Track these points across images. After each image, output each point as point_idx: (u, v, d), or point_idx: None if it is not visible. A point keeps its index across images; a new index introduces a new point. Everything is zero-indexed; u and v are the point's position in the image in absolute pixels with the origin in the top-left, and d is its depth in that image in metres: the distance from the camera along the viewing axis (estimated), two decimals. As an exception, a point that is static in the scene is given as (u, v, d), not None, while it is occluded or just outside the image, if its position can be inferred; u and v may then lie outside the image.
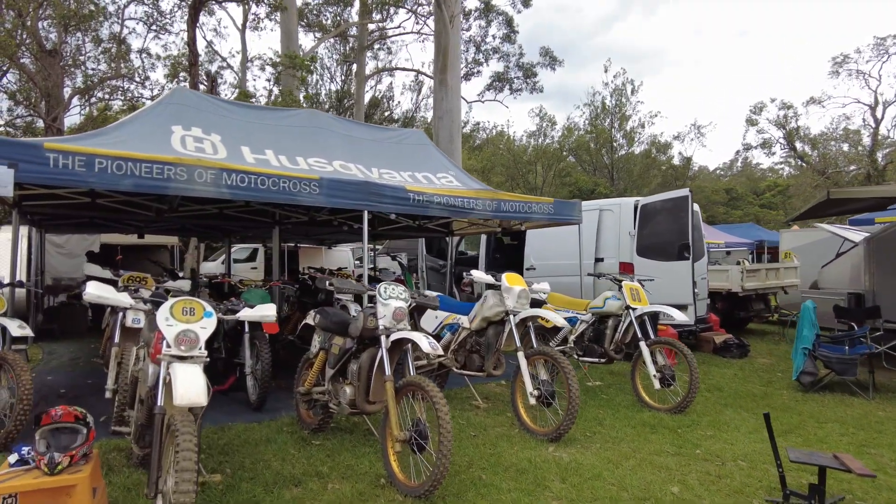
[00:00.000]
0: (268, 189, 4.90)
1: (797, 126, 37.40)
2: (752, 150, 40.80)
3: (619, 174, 36.02)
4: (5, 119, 21.57)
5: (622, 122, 36.47)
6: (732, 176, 49.18)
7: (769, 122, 37.58)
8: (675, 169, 38.14)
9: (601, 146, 36.50)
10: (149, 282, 4.90)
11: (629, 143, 37.28)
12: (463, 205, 6.05)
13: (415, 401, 3.65)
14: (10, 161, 3.92)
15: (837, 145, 35.70)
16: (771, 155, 38.71)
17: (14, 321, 4.26)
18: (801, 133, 37.16)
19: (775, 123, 37.94)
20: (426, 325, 5.61)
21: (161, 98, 5.81)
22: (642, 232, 8.10)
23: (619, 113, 36.19)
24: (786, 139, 38.00)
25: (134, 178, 4.31)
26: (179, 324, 2.89)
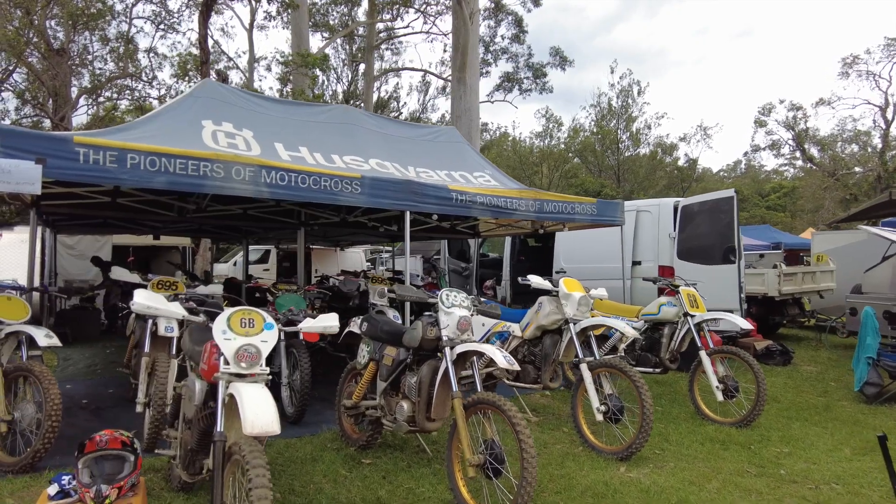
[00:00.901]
0: (308, 188, 4.58)
1: (806, 128, 37.01)
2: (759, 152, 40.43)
3: (625, 175, 35.71)
4: (12, 118, 21.27)
5: (628, 123, 36.17)
6: (736, 178, 48.87)
7: (778, 123, 37.21)
8: (680, 171, 37.81)
9: (607, 147, 36.19)
10: (179, 286, 4.57)
11: (635, 145, 36.96)
12: (506, 205, 5.73)
13: (485, 420, 3.31)
14: (37, 156, 3.60)
15: (845, 147, 35.32)
16: (780, 157, 38.24)
17: (40, 329, 3.93)
18: (811, 134, 36.78)
19: (784, 125, 37.57)
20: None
21: (190, 91, 5.49)
22: (683, 234, 7.76)
23: (626, 114, 35.88)
24: (795, 140, 37.65)
25: (168, 174, 3.99)
26: (239, 337, 2.56)
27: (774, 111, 37.51)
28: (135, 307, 2.53)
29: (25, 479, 3.54)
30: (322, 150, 5.60)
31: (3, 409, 3.69)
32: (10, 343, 4.04)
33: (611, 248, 8.58)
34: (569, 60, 30.30)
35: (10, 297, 4.10)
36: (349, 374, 4.44)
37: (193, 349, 3.13)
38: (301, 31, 20.26)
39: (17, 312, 4.06)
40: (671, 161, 38.20)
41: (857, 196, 34.53)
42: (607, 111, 36.27)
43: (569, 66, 30.17)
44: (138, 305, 2.53)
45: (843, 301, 9.36)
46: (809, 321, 10.45)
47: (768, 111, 37.87)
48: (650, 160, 36.43)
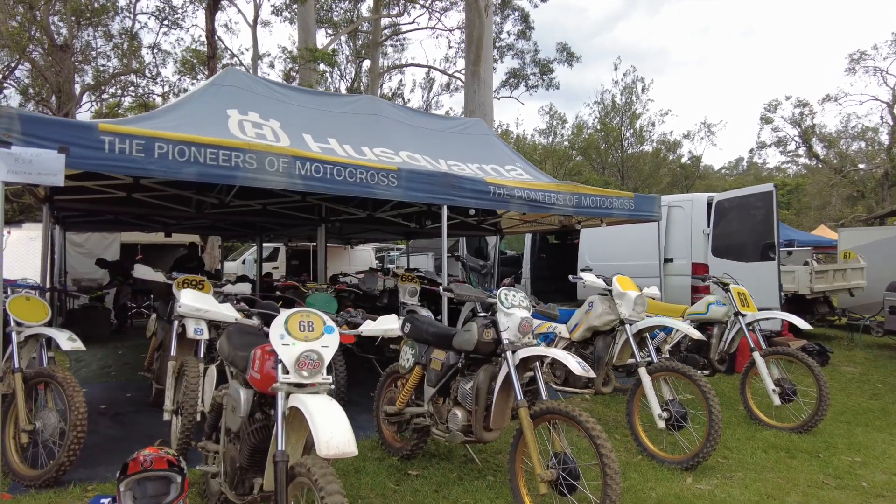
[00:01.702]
0: (344, 181, 4.30)
1: (813, 124, 36.72)
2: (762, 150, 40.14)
3: (629, 173, 35.45)
4: (15, 115, 20.95)
5: (632, 120, 35.89)
6: (738, 175, 48.60)
7: (784, 119, 36.90)
8: (684, 168, 37.52)
9: (612, 144, 35.89)
10: (206, 286, 4.29)
11: (639, 142, 36.67)
12: (544, 199, 5.45)
13: (554, 431, 3.03)
14: (60, 145, 3.32)
15: (850, 143, 35.01)
16: (786, 154, 37.95)
17: (63, 332, 3.65)
18: (818, 131, 36.47)
19: (790, 121, 37.28)
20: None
21: (212, 80, 5.21)
22: (718, 230, 7.48)
23: (630, 111, 35.59)
24: (801, 137, 37.35)
25: (198, 165, 3.71)
26: (298, 342, 2.28)
27: (781, 107, 37.17)
28: (182, 309, 2.25)
29: (49, 495, 3.27)
30: (351, 141, 5.32)
31: (23, 419, 3.42)
32: (30, 346, 3.76)
33: (639, 244, 8.31)
34: (576, 56, 29.99)
35: (30, 298, 3.82)
36: (389, 379, 4.16)
37: (236, 354, 2.85)
38: (308, 26, 19.95)
39: (37, 313, 3.78)
40: (675, 158, 37.92)
41: (864, 193, 34.26)
42: (611, 108, 35.97)
43: (575, 62, 29.91)
44: (186, 308, 2.25)
45: (874, 299, 9.08)
46: (840, 320, 10.17)
47: (774, 108, 37.55)
48: (654, 157, 36.13)
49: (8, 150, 3.19)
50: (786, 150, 38.69)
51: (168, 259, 14.49)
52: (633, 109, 35.57)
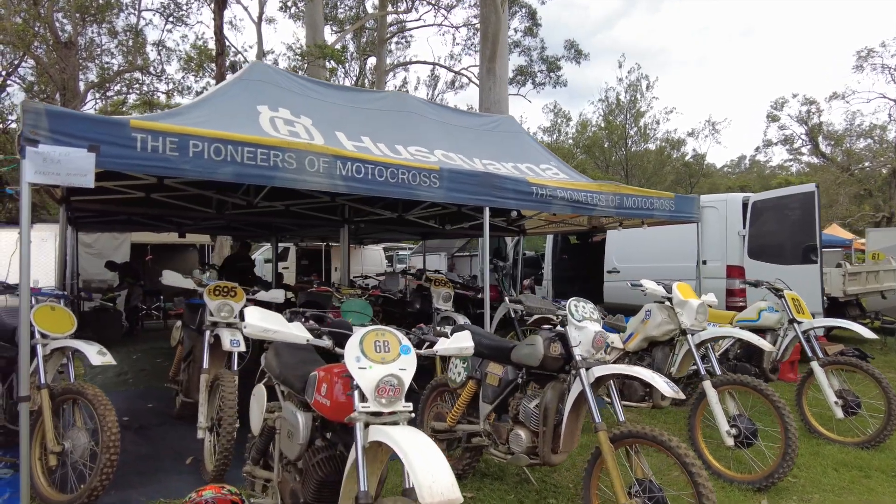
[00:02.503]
0: (385, 181, 4.04)
1: (820, 122, 36.41)
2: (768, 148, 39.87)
3: (633, 171, 35.19)
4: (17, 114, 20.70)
5: (637, 118, 35.60)
6: (741, 174, 48.33)
7: (791, 117, 36.60)
8: (688, 166, 37.23)
9: (616, 142, 35.61)
10: (238, 293, 4.03)
11: (644, 140, 36.41)
12: (586, 200, 5.19)
13: (635, 455, 2.78)
14: (90, 143, 3.06)
15: (854, 141, 34.70)
16: (793, 152, 37.64)
17: (91, 345, 3.39)
18: (825, 129, 36.17)
19: (797, 119, 36.98)
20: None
21: (239, 74, 4.94)
22: (755, 232, 7.22)
23: (634, 109, 35.30)
24: (808, 135, 37.05)
25: (234, 165, 3.45)
26: (376, 365, 2.02)
27: (787, 105, 36.85)
28: (248, 330, 2.00)
29: (81, 523, 3.02)
30: (385, 140, 5.05)
31: (51, 439, 3.17)
32: (56, 359, 3.51)
33: (670, 246, 8.05)
34: (584, 54, 29.74)
35: (55, 307, 3.57)
36: (434, 392, 3.91)
37: (289, 373, 2.60)
38: (315, 22, 19.65)
39: (63, 324, 3.53)
40: (679, 157, 37.64)
41: (871, 192, 33.97)
42: (615, 106, 35.68)
43: (584, 59, 29.66)
44: (252, 328, 1.99)
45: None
46: (874, 323, 9.91)
47: (781, 105, 37.28)
48: (658, 155, 35.85)
49: (35, 148, 2.93)
50: (792, 149, 38.41)
51: (178, 259, 14.26)
52: (638, 107, 35.30)
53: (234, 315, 3.98)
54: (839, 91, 43.07)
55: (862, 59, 32.62)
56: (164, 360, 7.81)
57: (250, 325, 2.00)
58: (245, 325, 2.00)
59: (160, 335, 10.56)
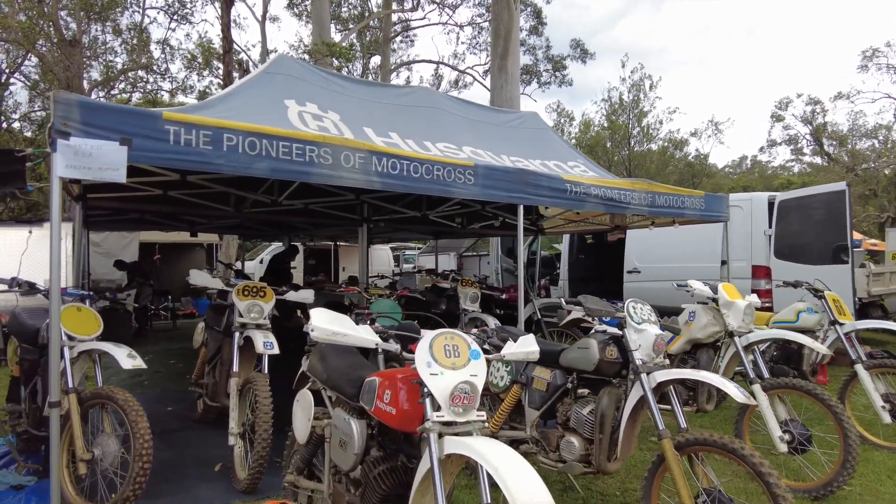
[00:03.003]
0: (420, 178, 3.90)
1: (825, 122, 36.29)
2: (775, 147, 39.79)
3: (636, 171, 35.09)
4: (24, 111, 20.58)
5: (640, 117, 35.49)
6: (742, 174, 48.21)
7: (795, 117, 36.48)
8: (691, 166, 37.12)
9: (619, 142, 35.52)
10: (268, 294, 3.89)
11: (648, 140, 36.32)
12: (620, 198, 5.05)
13: (700, 464, 2.64)
14: (122, 136, 2.92)
15: (856, 142, 34.61)
16: (797, 152, 37.50)
17: (120, 347, 3.25)
18: (829, 129, 36.05)
19: (802, 119, 36.86)
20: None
21: (265, 67, 4.80)
22: (781, 231, 7.08)
23: (637, 109, 35.19)
24: (812, 135, 36.94)
25: (270, 160, 3.31)
26: (447, 371, 1.88)
27: (792, 105, 36.73)
28: (315, 334, 1.85)
29: (113, 535, 2.88)
30: (413, 136, 4.91)
31: (80, 447, 3.03)
32: (83, 362, 3.37)
33: (692, 245, 7.92)
34: (590, 53, 29.66)
35: (81, 308, 3.43)
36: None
37: (339, 378, 2.45)
38: (322, 20, 19.49)
39: (89, 326, 3.39)
40: (681, 157, 37.55)
41: (876, 192, 33.84)
42: (618, 105, 35.57)
43: (589, 58, 29.58)
44: (319, 331, 1.85)
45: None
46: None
47: (786, 105, 37.15)
48: (661, 155, 35.74)
49: (67, 141, 2.79)
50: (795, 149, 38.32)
51: (186, 259, 14.12)
52: (641, 107, 35.19)
53: (263, 316, 3.84)
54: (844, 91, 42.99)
55: (867, 58, 32.49)
56: (178, 362, 7.67)
57: (318, 329, 1.85)
58: (312, 328, 1.86)
59: (170, 336, 10.42)
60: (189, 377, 6.84)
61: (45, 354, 3.51)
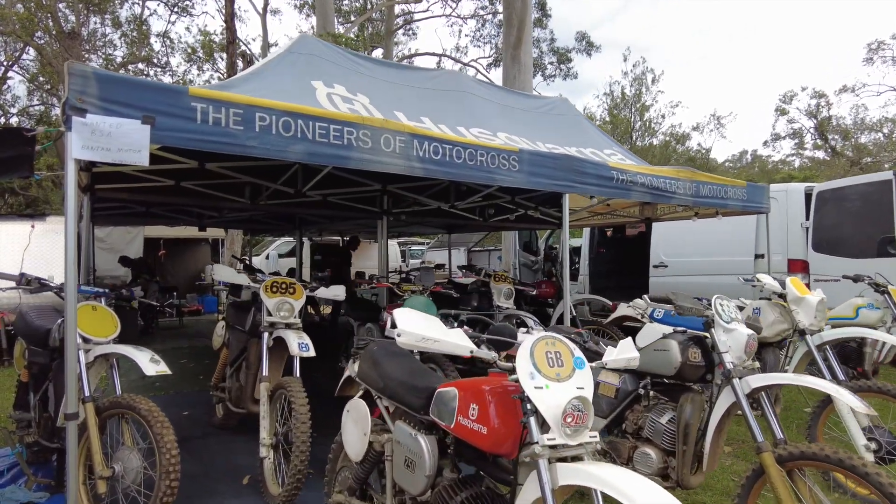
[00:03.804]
0: (464, 164, 3.59)
1: (829, 115, 36.02)
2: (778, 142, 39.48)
3: (638, 165, 34.75)
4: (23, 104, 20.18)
5: (642, 111, 35.16)
6: (742, 168, 47.93)
7: (800, 111, 36.21)
8: (692, 161, 36.87)
9: (620, 137, 35.23)
10: (297, 290, 3.57)
11: (650, 134, 35.98)
12: (665, 187, 4.74)
13: (801, 480, 2.33)
14: (144, 114, 2.59)
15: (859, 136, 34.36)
16: (802, 146, 37.20)
17: (142, 351, 2.93)
18: (834, 122, 35.76)
19: (806, 113, 36.59)
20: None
21: (288, 47, 4.46)
22: (820, 223, 6.77)
23: (639, 103, 34.86)
24: (816, 129, 36.67)
25: (306, 142, 2.99)
26: (552, 383, 1.57)
27: (797, 99, 36.42)
28: (403, 339, 1.54)
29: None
30: (446, 121, 4.58)
31: (99, 462, 2.71)
32: (99, 367, 3.05)
33: (722, 238, 7.61)
34: (595, 46, 29.35)
35: (96, 307, 3.11)
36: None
37: (401, 388, 2.14)
38: (326, 11, 19.12)
39: (106, 327, 3.07)
40: (684, 150, 37.27)
41: (880, 185, 33.51)
42: (620, 100, 35.21)
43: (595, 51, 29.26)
44: (408, 336, 1.53)
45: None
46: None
47: (790, 99, 36.87)
48: (663, 150, 35.43)
49: (83, 119, 2.47)
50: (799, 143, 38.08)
51: (190, 254, 13.77)
52: (643, 101, 34.88)
53: (294, 314, 3.52)
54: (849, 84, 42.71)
55: (872, 51, 32.18)
56: (189, 361, 7.36)
57: (406, 334, 1.54)
58: (398, 332, 1.54)
59: (178, 334, 10.10)
60: (202, 378, 6.57)
61: (55, 358, 3.20)
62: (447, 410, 1.84)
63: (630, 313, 4.52)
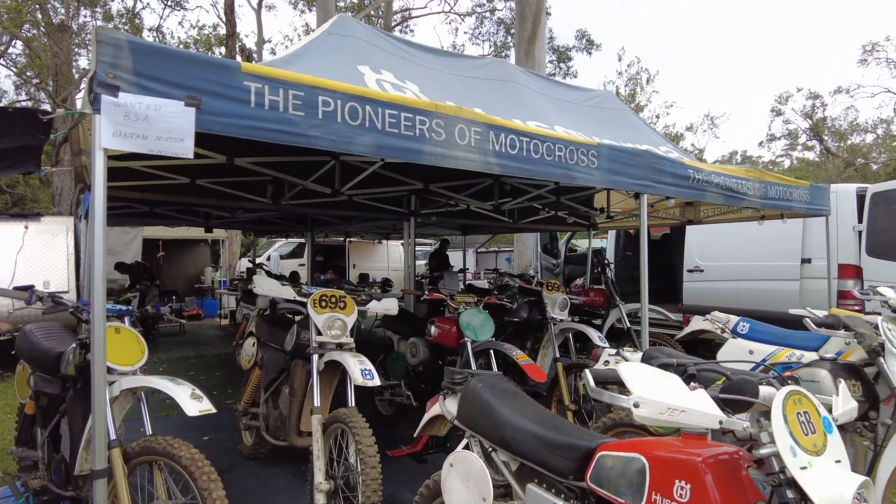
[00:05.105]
0: (541, 159, 3.14)
1: (824, 116, 36.18)
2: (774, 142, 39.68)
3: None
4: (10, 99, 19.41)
5: (636, 111, 35.00)
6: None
7: (795, 112, 36.36)
8: (685, 161, 36.80)
9: (614, 137, 35.10)
10: (349, 304, 3.09)
11: (644, 134, 35.92)
12: (737, 188, 4.33)
13: None
14: (188, 94, 2.10)
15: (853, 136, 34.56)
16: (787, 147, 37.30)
17: (182, 385, 2.40)
18: (829, 123, 35.95)
19: (802, 114, 36.75)
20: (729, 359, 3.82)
21: (327, 28, 3.97)
22: (875, 226, 6.38)
23: (633, 103, 34.73)
24: (812, 130, 36.83)
25: (375, 133, 2.52)
26: (814, 458, 1.11)
27: (792, 99, 36.50)
28: (643, 413, 1.03)
29: None
30: (500, 113, 4.08)
31: (130, 522, 2.21)
32: (123, 401, 2.54)
33: (763, 242, 7.21)
34: (596, 44, 29.13)
35: (120, 329, 2.61)
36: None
37: (529, 442, 1.67)
38: (328, 7, 18.55)
39: (132, 353, 2.57)
40: (678, 151, 37.26)
41: (873, 186, 33.68)
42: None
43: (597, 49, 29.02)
44: (651, 408, 0.97)
45: None
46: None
47: (786, 99, 37.01)
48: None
49: (115, 99, 1.97)
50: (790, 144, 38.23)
51: (189, 256, 13.17)
52: (637, 101, 34.74)
53: (346, 333, 3.03)
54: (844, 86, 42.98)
55: (867, 52, 32.28)
56: (199, 373, 6.82)
57: (647, 404, 1.05)
58: (636, 401, 1.07)
59: (180, 341, 9.53)
60: (216, 393, 6.04)
61: (69, 388, 2.69)
62: (627, 483, 1.36)
63: (707, 327, 4.10)
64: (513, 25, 29.07)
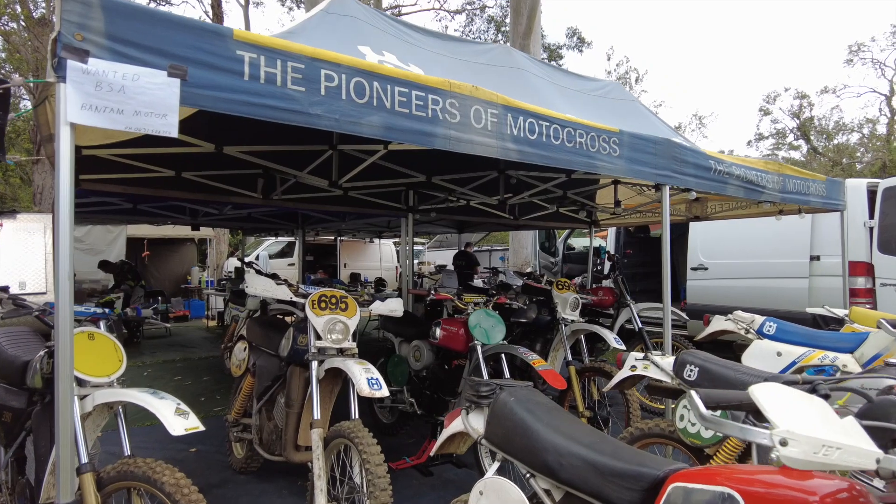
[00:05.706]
0: (561, 146, 2.88)
1: (811, 116, 36.58)
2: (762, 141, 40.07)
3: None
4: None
5: (627, 111, 35.11)
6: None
7: (783, 111, 36.76)
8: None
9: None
10: (350, 306, 2.81)
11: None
12: (757, 181, 4.10)
13: None
14: (171, 62, 1.81)
15: (836, 135, 35.00)
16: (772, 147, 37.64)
17: (165, 400, 2.10)
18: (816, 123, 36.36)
19: (789, 113, 37.13)
20: (756, 363, 3.58)
21: (325, 7, 3.67)
22: (887, 222, 6.21)
23: (623, 102, 34.86)
24: (799, 129, 37.19)
25: (384, 112, 2.24)
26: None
27: (780, 99, 36.87)
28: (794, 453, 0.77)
29: None
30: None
31: (104, 559, 1.91)
32: (97, 417, 2.24)
33: (773, 239, 7.02)
34: (587, 42, 29.02)
35: (94, 334, 2.30)
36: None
37: (577, 468, 1.41)
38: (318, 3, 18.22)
39: (108, 361, 2.27)
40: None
41: (860, 184, 34.05)
42: (602, 99, 35.22)
43: (587, 47, 28.92)
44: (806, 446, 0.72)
45: None
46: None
47: (774, 99, 37.37)
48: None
49: (84, 65, 1.67)
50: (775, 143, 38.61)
51: (175, 255, 12.76)
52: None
53: (348, 337, 2.74)
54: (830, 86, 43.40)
55: (853, 53, 32.62)
56: (185, 378, 6.48)
57: (801, 442, 0.77)
58: (783, 438, 0.79)
59: (166, 344, 9.14)
60: (203, 400, 5.71)
61: (35, 404, 2.37)
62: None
63: (730, 327, 3.88)
64: (503, 23, 28.93)
